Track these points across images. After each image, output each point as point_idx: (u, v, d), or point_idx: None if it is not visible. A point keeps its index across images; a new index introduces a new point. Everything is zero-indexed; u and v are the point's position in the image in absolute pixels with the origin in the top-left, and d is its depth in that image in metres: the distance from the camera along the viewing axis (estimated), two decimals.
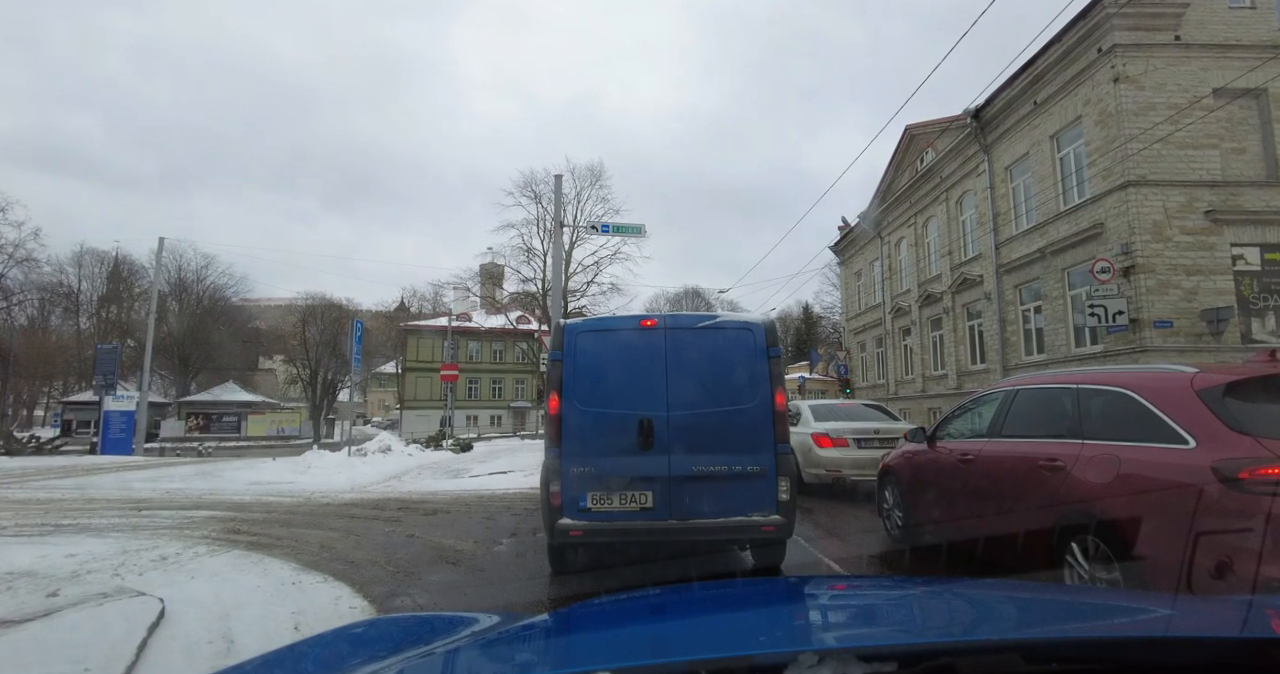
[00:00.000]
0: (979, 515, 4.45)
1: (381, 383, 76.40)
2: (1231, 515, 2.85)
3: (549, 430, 4.74)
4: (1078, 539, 3.51)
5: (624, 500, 4.53)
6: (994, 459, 4.47)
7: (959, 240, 20.69)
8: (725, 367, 4.83)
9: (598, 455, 4.58)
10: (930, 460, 5.28)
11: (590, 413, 4.63)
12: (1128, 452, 3.44)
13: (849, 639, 1.28)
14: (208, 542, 5.60)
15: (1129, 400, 3.59)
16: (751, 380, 4.76)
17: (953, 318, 20.84)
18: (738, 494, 4.57)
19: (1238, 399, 3.18)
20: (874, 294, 27.94)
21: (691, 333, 4.95)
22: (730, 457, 4.60)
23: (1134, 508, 3.24)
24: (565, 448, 4.58)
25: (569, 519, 4.48)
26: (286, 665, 1.39)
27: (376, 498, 8.67)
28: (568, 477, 4.55)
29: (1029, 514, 3.90)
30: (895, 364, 25.44)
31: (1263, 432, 2.97)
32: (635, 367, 4.80)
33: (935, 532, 5.04)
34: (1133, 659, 0.98)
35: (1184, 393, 3.31)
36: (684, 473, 4.54)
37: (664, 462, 4.56)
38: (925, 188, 22.71)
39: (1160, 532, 3.09)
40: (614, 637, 1.36)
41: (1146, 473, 3.28)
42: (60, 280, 53.97)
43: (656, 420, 4.58)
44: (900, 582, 2.53)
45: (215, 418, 46.71)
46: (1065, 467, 3.73)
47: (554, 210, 19.44)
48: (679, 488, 4.53)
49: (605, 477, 4.54)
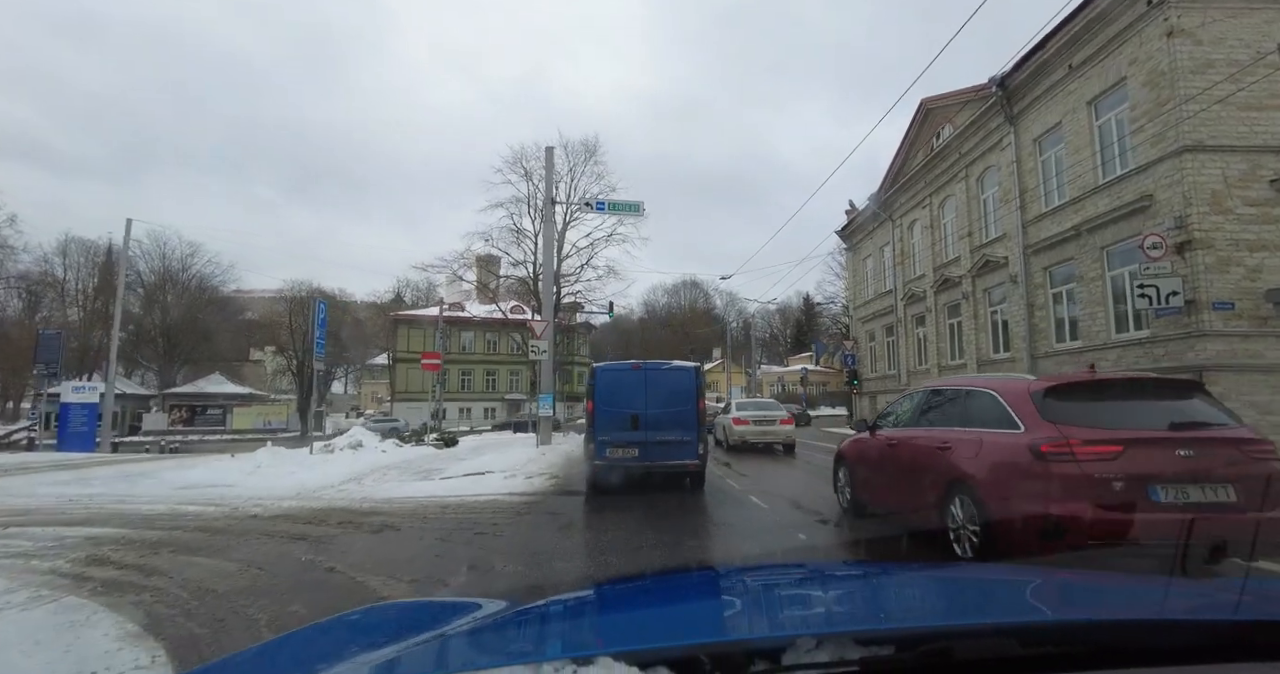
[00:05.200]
0: (900, 485, 5.82)
1: (374, 375, 75.00)
2: (1036, 475, 4.09)
3: (588, 419, 9.22)
4: (958, 497, 4.70)
5: (624, 451, 8.80)
6: (910, 443, 5.74)
7: (979, 220, 19.26)
8: (674, 388, 9.11)
9: (611, 430, 8.85)
10: (870, 446, 6.51)
11: (607, 410, 8.94)
12: (988, 435, 4.68)
13: (846, 623, 1.28)
14: (44, 582, 4.27)
15: (993, 398, 4.78)
16: (687, 395, 9.06)
17: (972, 303, 19.45)
18: (678, 450, 8.80)
19: (1053, 399, 4.37)
20: (884, 280, 26.54)
21: (658, 371, 9.40)
22: (675, 432, 8.83)
23: (988, 473, 4.52)
24: (596, 427, 8.90)
25: (598, 460, 8.77)
26: (286, 651, 1.40)
27: (319, 508, 7.27)
28: (598, 441, 8.82)
29: (930, 482, 5.14)
30: (908, 354, 24.07)
31: (1063, 421, 4.21)
32: (629, 387, 9.10)
33: (873, 500, 6.47)
34: (1127, 642, 1.00)
35: (1023, 394, 4.49)
36: (653, 439, 8.78)
37: (642, 434, 8.82)
38: (942, 166, 21.25)
39: (1000, 488, 4.37)
40: (614, 622, 1.41)
41: (996, 449, 4.52)
42: (45, 270, 52.38)
43: (639, 414, 8.91)
44: (897, 567, 2.55)
45: (200, 410, 45.33)
46: (952, 447, 4.93)
47: (545, 186, 18.04)
48: (650, 447, 8.78)
49: (614, 441, 8.82)
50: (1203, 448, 4.00)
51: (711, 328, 78.63)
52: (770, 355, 76.83)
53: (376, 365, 69.10)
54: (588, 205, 17.14)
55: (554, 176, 19.37)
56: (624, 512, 7.33)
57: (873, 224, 27.35)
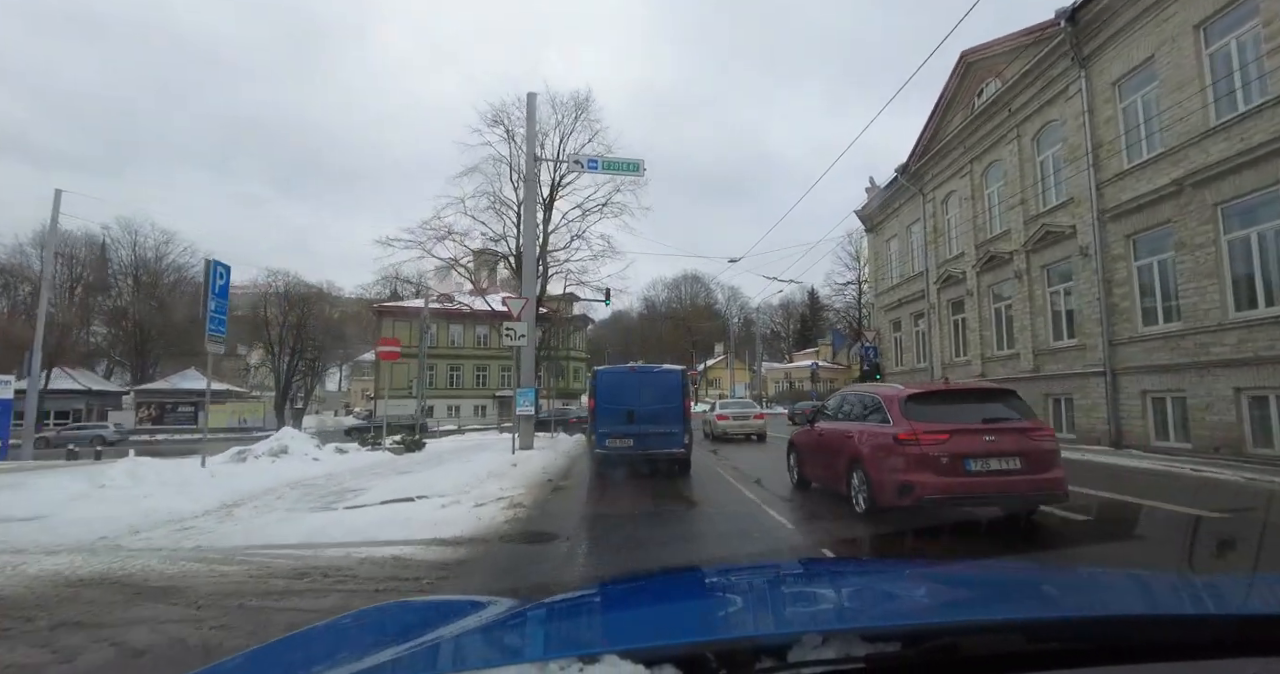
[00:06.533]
0: (825, 463, 7.59)
1: (364, 371, 72.26)
2: (897, 455, 5.89)
3: (590, 415, 11.34)
4: (856, 470, 6.56)
5: (621, 442, 10.65)
6: (830, 433, 7.54)
7: (1035, 186, 16.42)
8: (664, 387, 11.06)
9: (610, 424, 10.72)
10: (809, 435, 8.37)
11: (607, 407, 10.82)
12: (872, 428, 6.48)
13: (852, 620, 1.27)
14: None
15: (878, 402, 6.58)
16: (674, 393, 11.01)
17: (1026, 283, 16.62)
18: (667, 440, 10.57)
19: (912, 403, 6.18)
20: (912, 263, 23.71)
21: (650, 373, 11.68)
22: (664, 425, 10.58)
23: (870, 453, 6.32)
24: (598, 422, 10.82)
25: (599, 449, 10.76)
26: (295, 650, 1.41)
27: (94, 573, 4.38)
28: (599, 433, 10.77)
29: (841, 460, 6.93)
30: (942, 343, 21.25)
31: (915, 418, 6.00)
32: (625, 387, 11.04)
33: (812, 475, 8.35)
34: (1133, 637, 0.99)
35: (895, 400, 6.28)
36: (645, 431, 10.57)
37: (637, 427, 10.62)
38: (987, 126, 18.41)
39: (878, 463, 6.14)
40: (620, 620, 1.40)
41: (876, 438, 6.30)
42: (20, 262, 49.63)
43: (634, 410, 10.69)
44: (902, 563, 2.53)
45: (170, 408, 42.53)
46: (853, 436, 6.75)
47: (527, 140, 15.22)
48: (643, 438, 10.58)
49: (613, 433, 10.68)
50: (1001, 434, 5.84)
51: (713, 322, 75.97)
52: (772, 353, 73.83)
53: (365, 362, 66.28)
54: (578, 164, 14.29)
55: (538, 132, 16.50)
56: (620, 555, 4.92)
57: (899, 201, 24.51)
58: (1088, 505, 6.66)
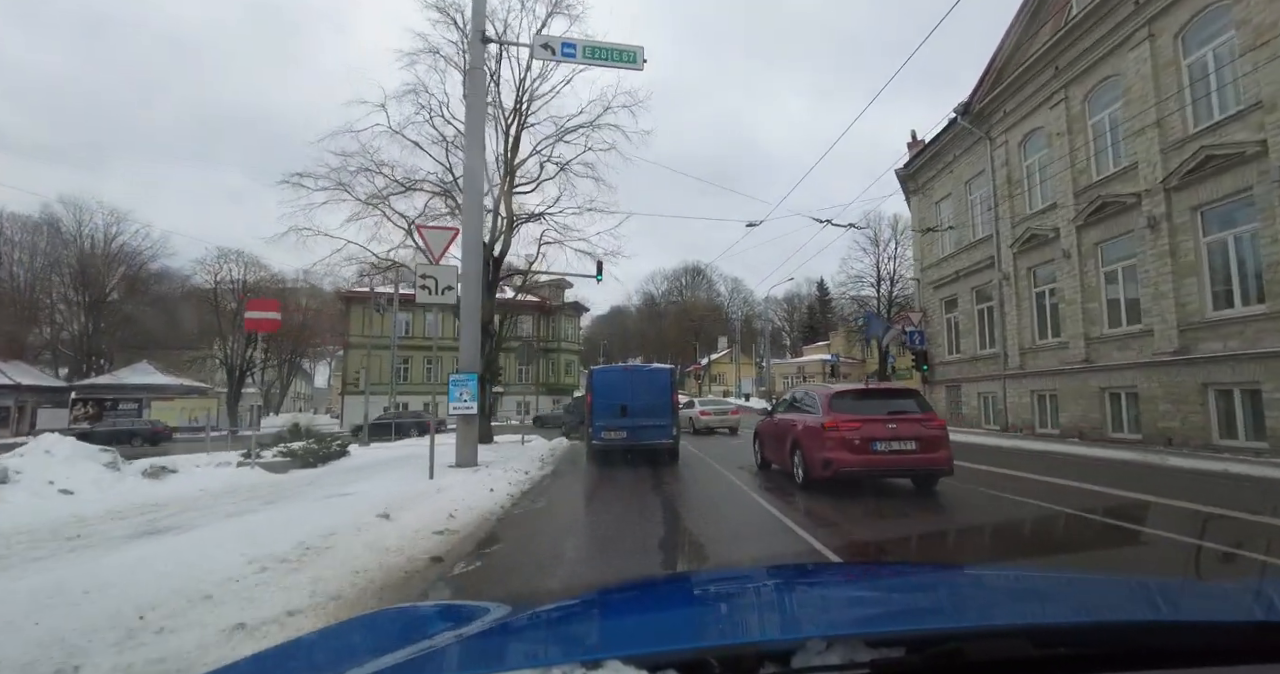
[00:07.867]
0: (776, 448, 9.32)
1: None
2: (824, 438, 7.51)
3: (587, 409, 12.34)
4: (796, 452, 8.18)
5: (614, 434, 11.86)
6: (782, 423, 9.22)
7: (1181, 96, 11.91)
8: (654, 384, 12.43)
9: (605, 417, 11.92)
10: (769, 424, 10.03)
11: (602, 402, 11.99)
12: (809, 418, 8.13)
13: (857, 625, 1.21)
14: None
15: (816, 396, 8.35)
16: (663, 390, 12.35)
17: (1162, 236, 12.15)
18: (657, 432, 11.86)
19: (837, 399, 7.98)
20: (973, 227, 19.22)
21: (641, 372, 13.90)
22: (654, 418, 11.88)
23: (805, 438, 7.99)
24: (594, 416, 12.00)
25: (595, 440, 11.95)
26: (298, 655, 1.40)
27: None
28: (595, 426, 11.97)
29: (786, 444, 8.64)
30: (1019, 325, 16.77)
31: (838, 411, 7.69)
32: (619, 383, 12.38)
33: (770, 458, 9.87)
34: (1142, 644, 0.97)
35: (825, 397, 8.07)
36: (638, 424, 11.85)
37: (630, 420, 11.88)
38: (1094, 35, 13.95)
39: (810, 445, 7.78)
40: (622, 625, 1.37)
41: (810, 426, 7.94)
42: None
43: (627, 404, 11.88)
44: (907, 568, 2.42)
45: (111, 405, 37.89)
46: (796, 424, 8.44)
47: (474, 13, 10.66)
48: (636, 430, 11.85)
49: (608, 426, 11.89)
50: (902, 423, 7.51)
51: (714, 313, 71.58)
52: (776, 349, 69.23)
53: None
54: (547, 50, 9.71)
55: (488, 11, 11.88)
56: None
57: (954, 151, 20.04)
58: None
